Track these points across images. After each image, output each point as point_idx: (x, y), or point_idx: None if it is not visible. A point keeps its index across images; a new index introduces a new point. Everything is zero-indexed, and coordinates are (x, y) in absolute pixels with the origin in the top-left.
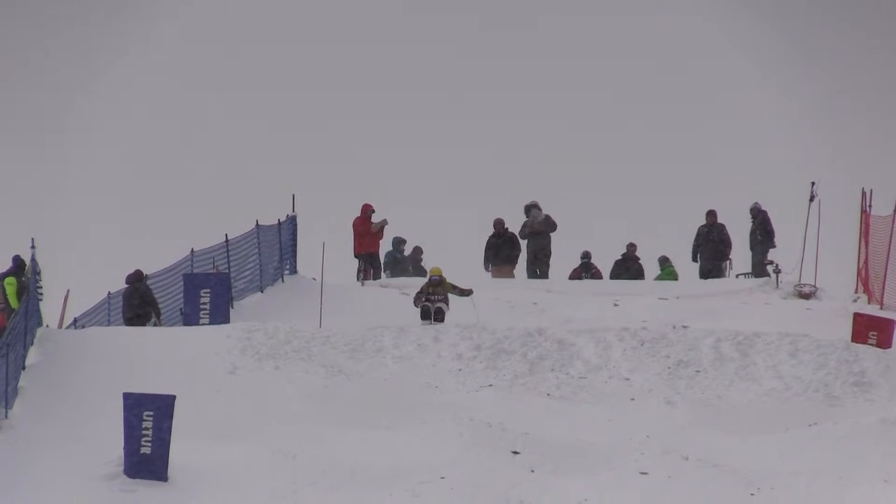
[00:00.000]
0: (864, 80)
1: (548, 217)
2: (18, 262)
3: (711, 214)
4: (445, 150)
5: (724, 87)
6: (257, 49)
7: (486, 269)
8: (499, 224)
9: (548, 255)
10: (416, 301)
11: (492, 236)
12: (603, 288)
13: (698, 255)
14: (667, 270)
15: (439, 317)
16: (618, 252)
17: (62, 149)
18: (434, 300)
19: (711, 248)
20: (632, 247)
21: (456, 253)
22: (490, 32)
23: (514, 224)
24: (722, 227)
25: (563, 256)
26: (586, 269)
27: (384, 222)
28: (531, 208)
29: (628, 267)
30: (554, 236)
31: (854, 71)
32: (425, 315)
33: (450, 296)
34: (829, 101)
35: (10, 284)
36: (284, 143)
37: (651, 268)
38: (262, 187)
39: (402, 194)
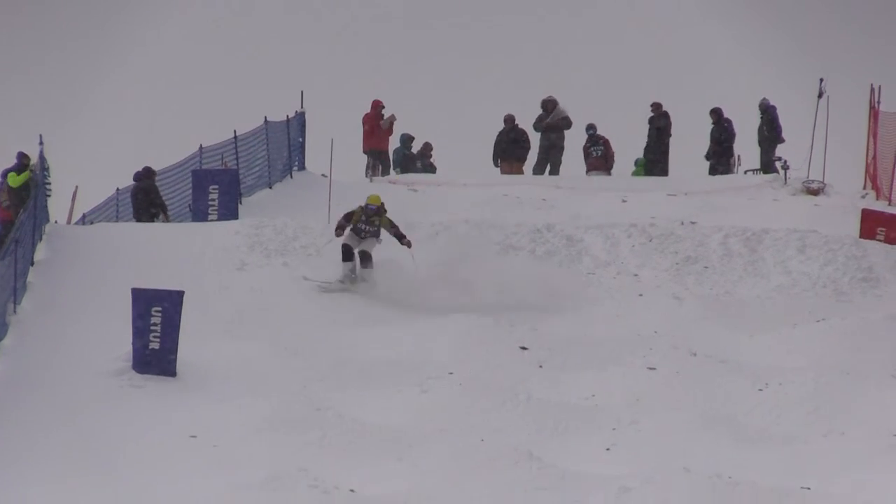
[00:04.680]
0: None
1: (567, 115)
2: (22, 158)
3: (715, 112)
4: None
5: None
6: None
7: (496, 164)
8: (509, 119)
9: (561, 151)
10: (339, 230)
11: (502, 131)
12: (611, 184)
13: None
14: (640, 166)
15: (366, 263)
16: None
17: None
18: (364, 232)
19: (718, 146)
20: (657, 106)
21: (465, 149)
22: None
23: (525, 121)
24: (728, 123)
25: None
26: (594, 142)
27: (392, 118)
28: (548, 103)
29: (659, 128)
30: (567, 135)
31: None
32: (347, 256)
33: (384, 233)
34: None
35: (13, 178)
36: (296, 27)
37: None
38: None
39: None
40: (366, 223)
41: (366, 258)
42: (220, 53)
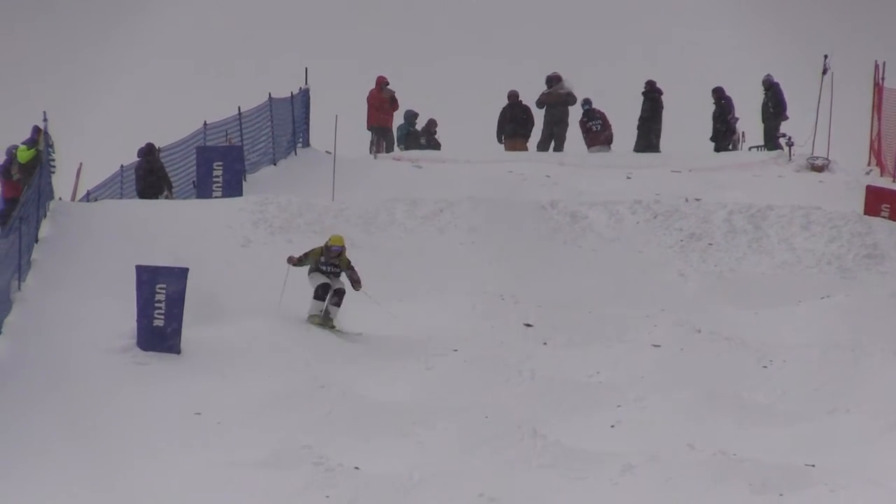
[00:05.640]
0: None
1: (571, 91)
2: (36, 133)
3: (716, 92)
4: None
5: None
6: None
7: (500, 140)
8: (513, 95)
9: (565, 127)
10: (301, 261)
11: (505, 108)
12: (616, 160)
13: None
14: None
15: (336, 300)
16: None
17: (79, 25)
18: (329, 273)
19: (720, 126)
20: (651, 83)
21: (469, 125)
22: None
23: (529, 97)
24: (728, 102)
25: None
26: (591, 116)
27: (392, 92)
28: (552, 79)
29: (653, 99)
30: (570, 111)
31: None
32: (320, 294)
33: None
34: None
35: (23, 152)
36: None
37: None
38: (275, 59)
39: (417, 69)
40: (326, 263)
41: (337, 296)
42: (225, 29)
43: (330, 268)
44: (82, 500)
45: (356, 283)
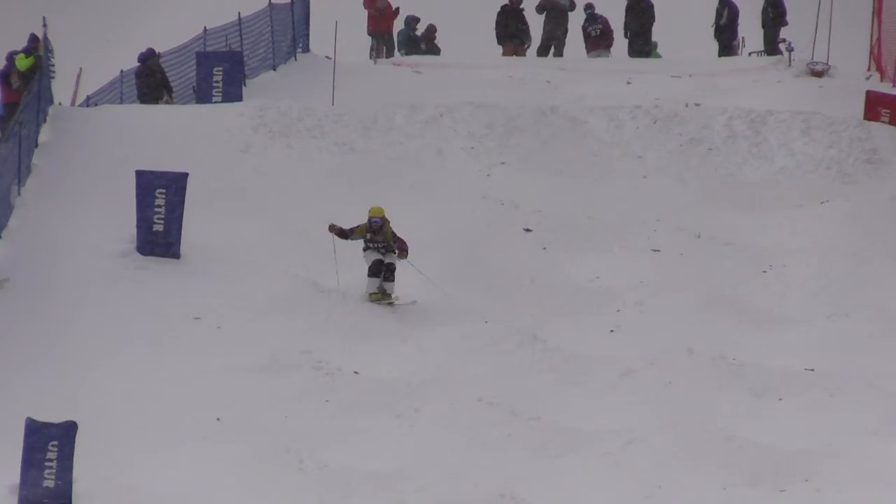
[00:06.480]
0: None
1: None
2: (33, 41)
3: (723, 1)
4: None
5: None
6: None
7: (500, 44)
8: (509, 1)
9: (565, 32)
10: (336, 228)
11: (500, 13)
12: (616, 66)
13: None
14: (653, 53)
15: (389, 275)
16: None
17: None
18: (378, 245)
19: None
20: None
21: (469, 31)
22: None
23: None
24: (731, 3)
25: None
26: (592, 21)
27: (386, 2)
28: None
29: (642, 9)
30: (570, 16)
31: None
32: (374, 271)
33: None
34: None
35: (21, 60)
36: None
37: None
38: None
39: None
40: (374, 240)
41: (390, 272)
42: None
43: (379, 244)
44: (80, 402)
45: (402, 252)
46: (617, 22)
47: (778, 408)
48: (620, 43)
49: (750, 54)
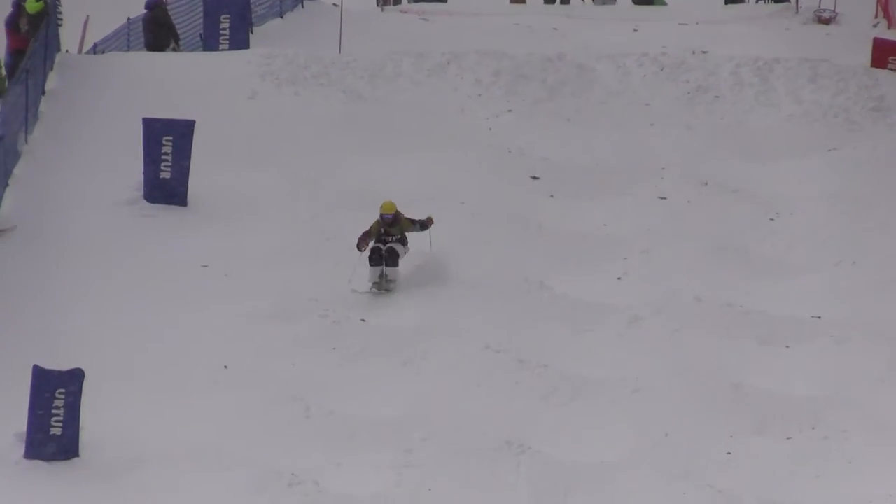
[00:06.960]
0: None
1: None
2: None
3: None
4: None
5: None
6: None
7: None
8: None
9: None
10: (361, 244)
11: None
12: (623, 13)
13: None
14: (658, 1)
15: (392, 260)
16: None
17: None
18: (387, 241)
19: None
20: None
21: None
22: None
23: None
24: None
25: None
26: None
27: None
28: None
29: None
30: None
31: None
32: (375, 259)
33: (408, 234)
34: None
35: (31, 3)
36: None
37: None
38: None
39: None
40: (386, 235)
41: (391, 257)
42: None
43: (388, 239)
44: (86, 349)
45: (425, 225)
46: None
47: (785, 356)
48: None
49: (757, 1)
